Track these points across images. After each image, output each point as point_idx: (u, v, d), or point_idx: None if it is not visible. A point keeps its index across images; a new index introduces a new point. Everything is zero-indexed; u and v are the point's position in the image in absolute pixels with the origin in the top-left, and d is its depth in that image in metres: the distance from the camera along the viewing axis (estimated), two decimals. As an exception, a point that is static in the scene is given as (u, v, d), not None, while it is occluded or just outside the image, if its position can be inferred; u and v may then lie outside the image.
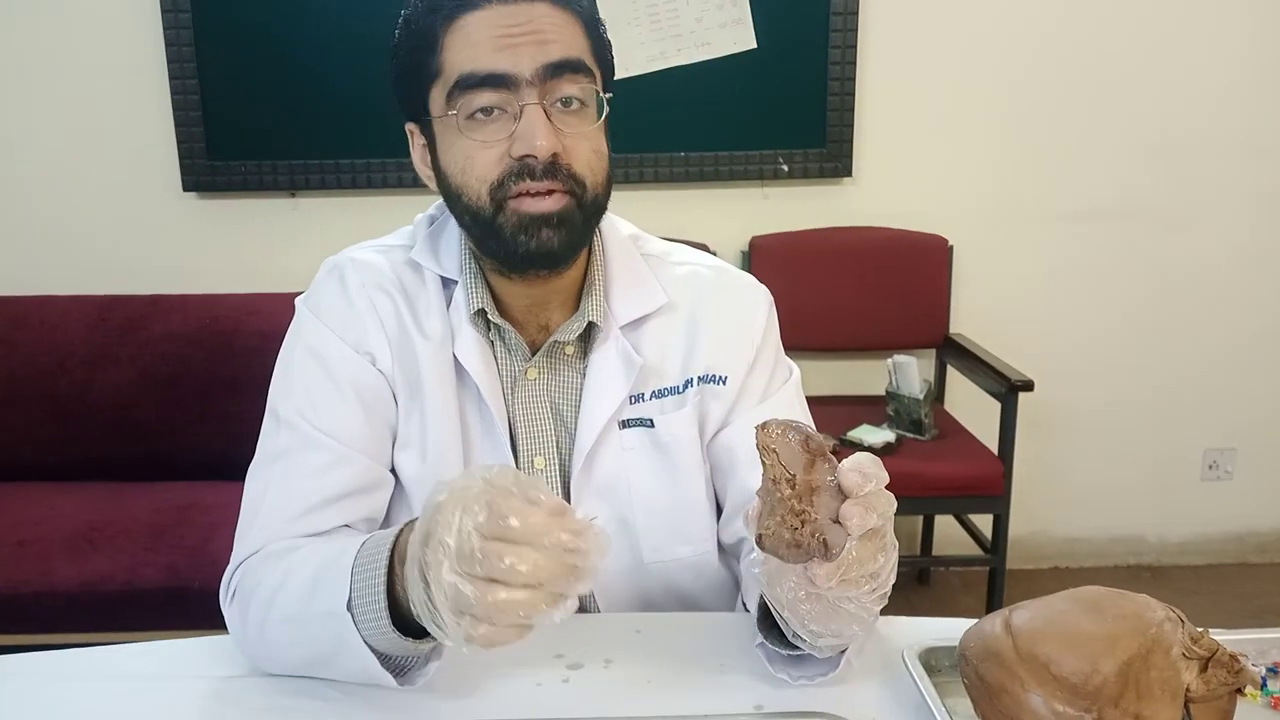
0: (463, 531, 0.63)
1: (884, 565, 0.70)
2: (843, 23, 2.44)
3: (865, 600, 0.72)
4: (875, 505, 0.68)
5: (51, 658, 0.89)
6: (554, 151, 0.86)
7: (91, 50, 2.43)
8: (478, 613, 0.63)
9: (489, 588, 0.62)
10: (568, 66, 0.87)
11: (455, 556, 0.63)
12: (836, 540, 0.67)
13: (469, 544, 0.62)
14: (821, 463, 0.69)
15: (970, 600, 2.59)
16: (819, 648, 0.78)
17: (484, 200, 0.88)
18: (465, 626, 0.64)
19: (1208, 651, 0.71)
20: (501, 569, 0.62)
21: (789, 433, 0.69)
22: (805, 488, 0.68)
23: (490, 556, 0.62)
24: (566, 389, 0.98)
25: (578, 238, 0.91)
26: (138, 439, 2.28)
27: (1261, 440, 2.73)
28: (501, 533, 0.63)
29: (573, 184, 0.88)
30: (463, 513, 0.63)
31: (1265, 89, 2.54)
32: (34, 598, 1.86)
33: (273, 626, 0.83)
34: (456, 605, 0.63)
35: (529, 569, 0.62)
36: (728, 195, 2.57)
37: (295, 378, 0.96)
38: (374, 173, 2.47)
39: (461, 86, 0.86)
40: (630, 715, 0.79)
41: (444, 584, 0.63)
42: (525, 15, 0.86)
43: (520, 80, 0.85)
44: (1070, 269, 2.63)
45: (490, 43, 0.86)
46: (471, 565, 0.62)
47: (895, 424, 2.35)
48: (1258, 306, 2.66)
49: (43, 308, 2.33)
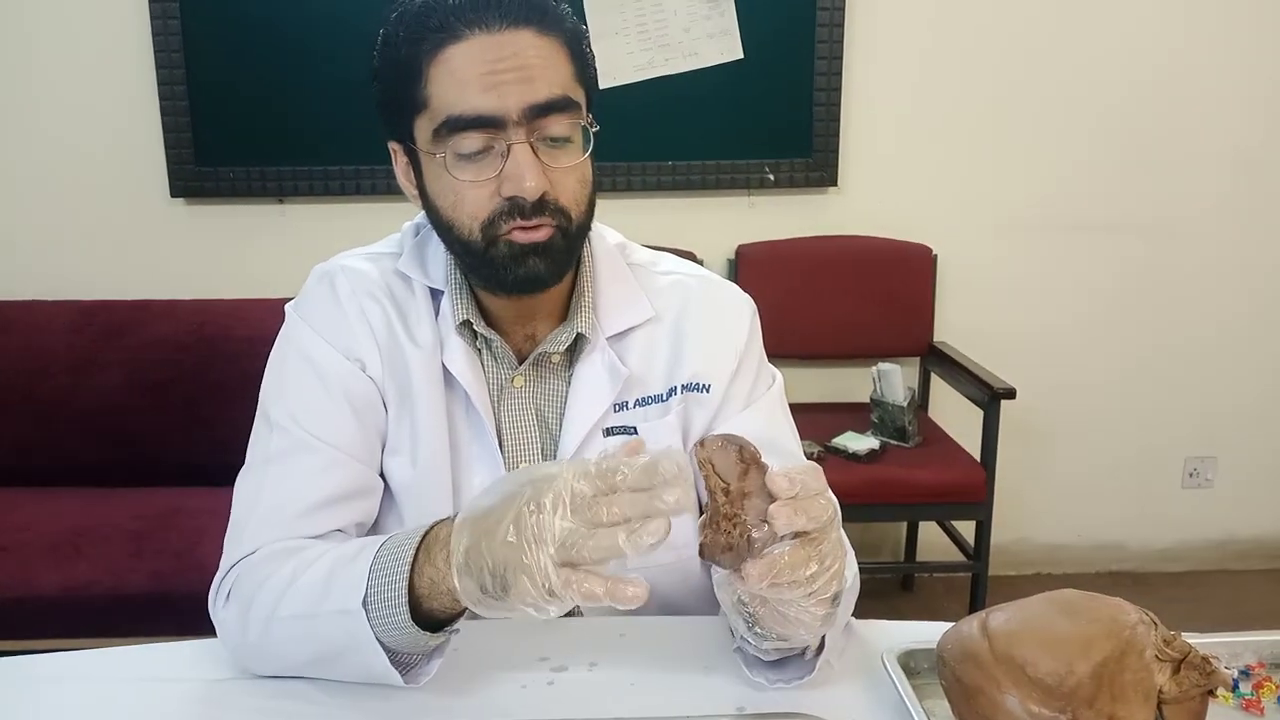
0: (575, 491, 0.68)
1: (820, 572, 0.71)
2: (829, 34, 2.46)
3: (806, 605, 0.73)
4: (806, 509, 0.70)
5: (35, 661, 0.89)
6: (542, 191, 0.87)
7: (80, 55, 2.43)
8: (587, 550, 0.67)
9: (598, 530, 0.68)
10: (554, 106, 0.87)
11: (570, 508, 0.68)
12: (763, 538, 0.70)
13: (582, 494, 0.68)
14: (755, 471, 0.72)
15: (953, 606, 2.61)
16: (764, 650, 0.80)
17: (475, 235, 0.89)
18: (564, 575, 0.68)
19: (1180, 654, 0.73)
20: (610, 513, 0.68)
21: (726, 446, 0.73)
22: (738, 494, 0.72)
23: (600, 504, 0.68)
24: (552, 397, 0.99)
25: (564, 263, 0.92)
26: (123, 444, 2.27)
27: (1242, 448, 2.76)
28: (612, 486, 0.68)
29: (560, 217, 0.89)
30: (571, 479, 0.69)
31: (1251, 100, 2.57)
32: (17, 603, 1.85)
33: (280, 624, 0.83)
34: (565, 546, 0.67)
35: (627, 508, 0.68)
36: (714, 204, 2.59)
37: (287, 382, 0.96)
38: (363, 179, 2.47)
39: (450, 127, 0.86)
40: (614, 717, 0.80)
41: (555, 529, 0.67)
42: (510, 47, 0.86)
43: (508, 121, 0.86)
44: (1053, 278, 2.66)
45: (477, 81, 0.85)
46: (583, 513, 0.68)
47: (879, 431, 2.36)
48: (1239, 316, 2.69)
49: (28, 312, 2.33)
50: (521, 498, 0.69)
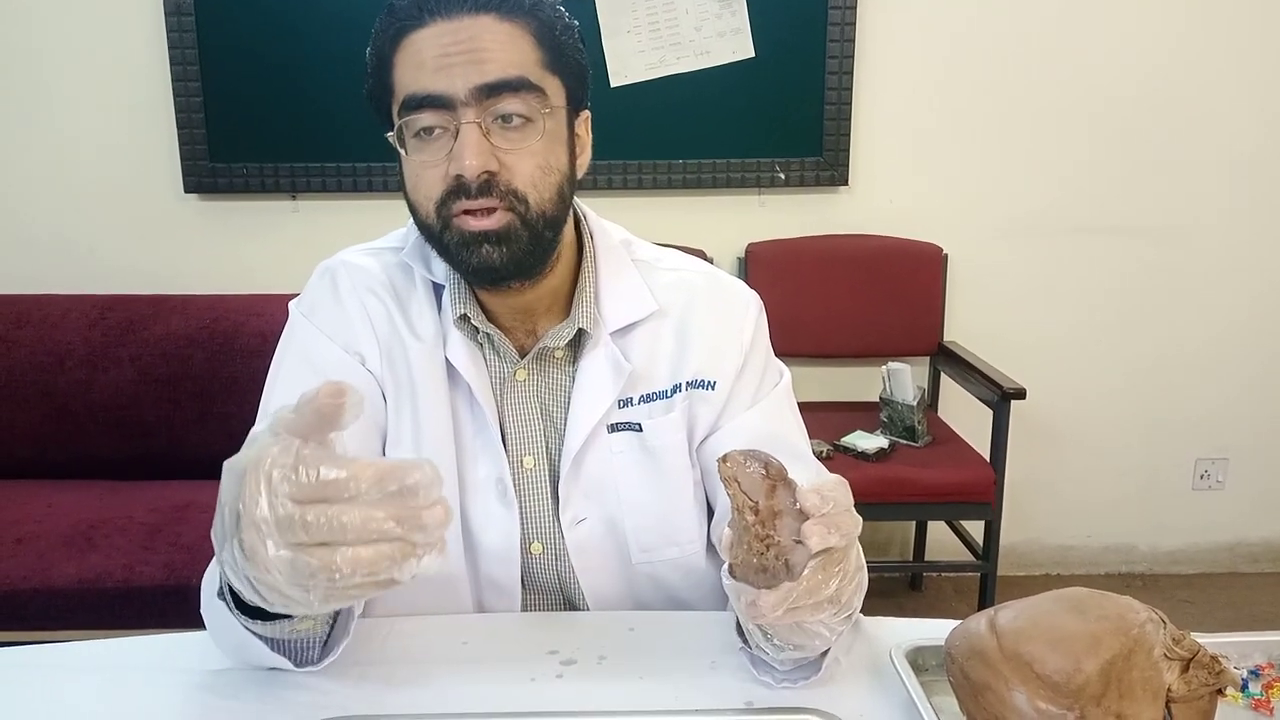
0: (276, 500, 0.56)
1: (842, 588, 0.70)
2: (840, 33, 2.46)
3: (831, 622, 0.73)
4: (839, 525, 0.69)
5: (50, 650, 0.90)
6: (488, 170, 0.86)
7: (95, 52, 2.45)
8: (321, 582, 0.57)
9: (325, 552, 0.56)
10: (506, 86, 0.86)
11: (277, 529, 0.56)
12: (799, 560, 0.69)
13: (287, 512, 0.56)
14: (783, 488, 0.70)
15: (962, 606, 2.61)
16: (780, 660, 0.80)
17: (432, 218, 0.90)
18: (315, 594, 0.57)
19: (1189, 653, 0.72)
20: (330, 529, 0.56)
21: (750, 462, 0.71)
22: (768, 513, 0.70)
23: (315, 520, 0.56)
24: (555, 390, 0.99)
25: (524, 253, 0.90)
26: (138, 438, 2.29)
27: (1253, 450, 2.75)
28: (318, 492, 0.56)
29: (513, 200, 0.88)
30: (268, 482, 0.56)
31: (1258, 104, 2.56)
32: (32, 595, 1.87)
33: (206, 615, 0.84)
34: (296, 580, 0.57)
35: (358, 521, 0.56)
36: (725, 202, 2.59)
37: (286, 380, 0.97)
38: (375, 176, 2.49)
39: (406, 107, 0.87)
40: (623, 710, 0.81)
41: (275, 561, 0.56)
42: (467, 32, 0.86)
43: (456, 100, 0.86)
44: (1063, 278, 2.65)
45: (432, 63, 0.86)
46: (298, 534, 0.56)
47: (889, 430, 2.36)
48: (1251, 317, 2.68)
49: (43, 307, 2.35)
50: (232, 504, 0.59)
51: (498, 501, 0.98)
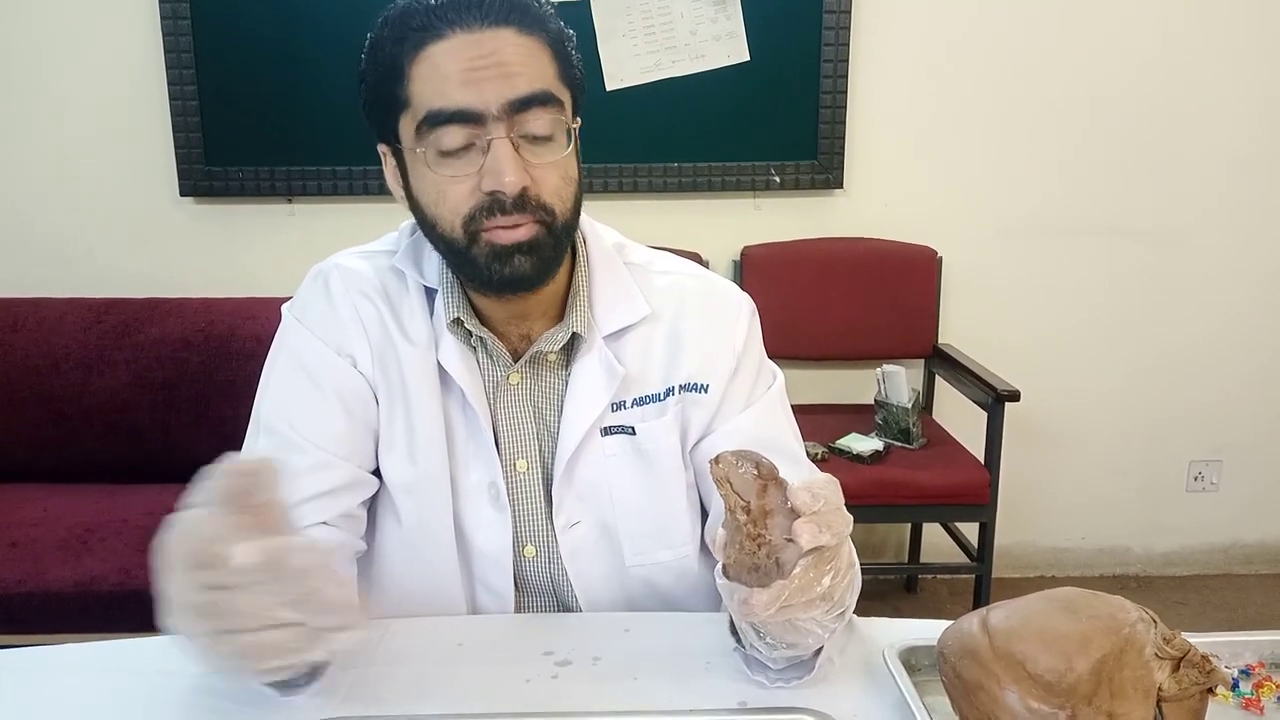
0: (186, 587, 0.61)
1: (834, 585, 0.71)
2: (835, 36, 2.47)
3: (824, 620, 0.74)
4: (829, 523, 0.69)
5: (46, 652, 0.90)
6: (523, 185, 0.87)
7: (90, 54, 2.45)
8: (240, 663, 0.62)
9: (232, 638, 0.61)
10: (535, 100, 0.86)
11: (193, 614, 0.61)
12: (790, 558, 0.70)
13: (192, 599, 0.61)
14: (774, 487, 0.71)
15: (957, 608, 2.60)
16: (774, 659, 0.81)
17: (458, 232, 0.89)
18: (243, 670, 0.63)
19: (1180, 652, 0.73)
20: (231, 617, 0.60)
21: (741, 463, 0.72)
22: (759, 512, 0.71)
23: (214, 607, 0.61)
24: (549, 393, 1.00)
25: (549, 261, 0.92)
26: (133, 441, 2.29)
27: (1247, 453, 2.76)
28: (218, 579, 0.61)
29: (542, 213, 0.89)
30: (181, 567, 0.62)
31: (1253, 105, 2.58)
32: (27, 598, 1.87)
33: None
34: (220, 660, 0.62)
35: (252, 609, 0.60)
36: (720, 205, 2.60)
37: (278, 383, 0.97)
38: (371, 180, 2.49)
39: (430, 122, 0.86)
40: (618, 711, 0.81)
41: (198, 643, 0.63)
42: (490, 45, 0.86)
43: (487, 115, 0.86)
44: (1058, 281, 2.66)
45: (457, 76, 0.85)
46: (207, 620, 0.61)
47: (883, 433, 2.37)
48: (1245, 319, 2.69)
49: (39, 309, 2.34)
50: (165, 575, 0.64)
51: (490, 505, 0.98)
